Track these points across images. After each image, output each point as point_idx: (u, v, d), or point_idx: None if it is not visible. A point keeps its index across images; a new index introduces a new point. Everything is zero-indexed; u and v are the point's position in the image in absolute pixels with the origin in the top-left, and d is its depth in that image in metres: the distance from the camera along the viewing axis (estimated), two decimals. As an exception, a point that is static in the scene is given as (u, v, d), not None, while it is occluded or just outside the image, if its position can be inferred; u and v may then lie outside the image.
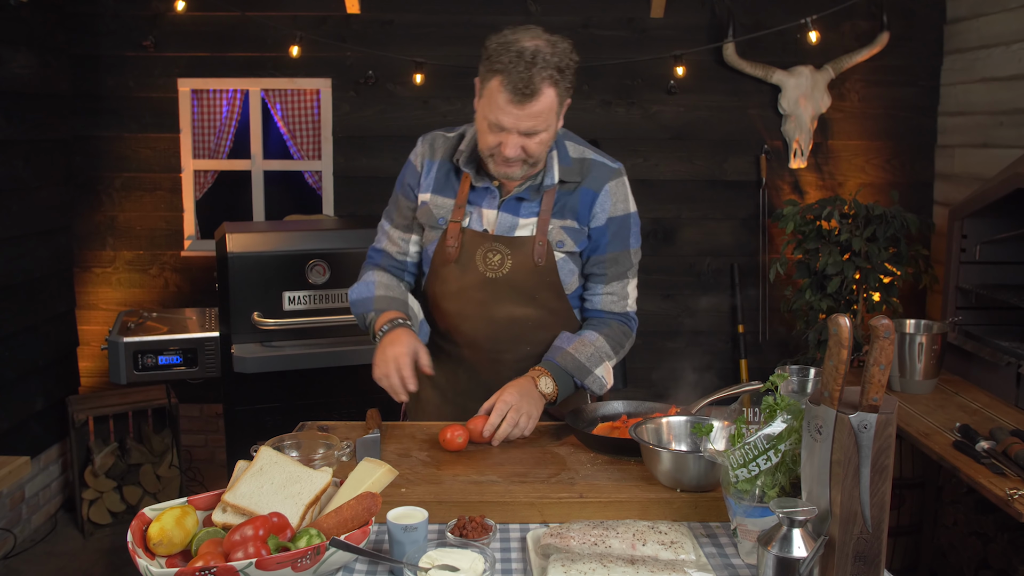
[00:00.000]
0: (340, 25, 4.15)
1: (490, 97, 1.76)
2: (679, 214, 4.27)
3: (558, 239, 1.92)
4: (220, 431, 4.31)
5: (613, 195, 1.94)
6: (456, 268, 1.94)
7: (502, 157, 1.80)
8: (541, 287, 1.95)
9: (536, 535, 1.49)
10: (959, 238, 3.13)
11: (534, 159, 1.82)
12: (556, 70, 1.74)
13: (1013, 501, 2.04)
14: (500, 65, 1.72)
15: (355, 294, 2.05)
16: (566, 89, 1.79)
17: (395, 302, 1.99)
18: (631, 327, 2.04)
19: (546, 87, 1.73)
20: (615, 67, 4.15)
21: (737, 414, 1.60)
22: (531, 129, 1.76)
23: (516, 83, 1.70)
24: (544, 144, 1.82)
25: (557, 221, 1.92)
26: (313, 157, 4.30)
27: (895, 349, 2.87)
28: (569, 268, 1.96)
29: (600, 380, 1.94)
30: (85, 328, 4.25)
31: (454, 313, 1.99)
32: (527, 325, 1.97)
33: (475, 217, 1.94)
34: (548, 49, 1.74)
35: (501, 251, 1.92)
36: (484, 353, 2.00)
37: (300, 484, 1.45)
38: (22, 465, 2.65)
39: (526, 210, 1.92)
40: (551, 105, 1.76)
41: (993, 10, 3.66)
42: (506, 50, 1.72)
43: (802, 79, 4.03)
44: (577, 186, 1.93)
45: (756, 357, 4.32)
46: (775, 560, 1.22)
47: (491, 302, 1.94)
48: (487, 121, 1.79)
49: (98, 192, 4.25)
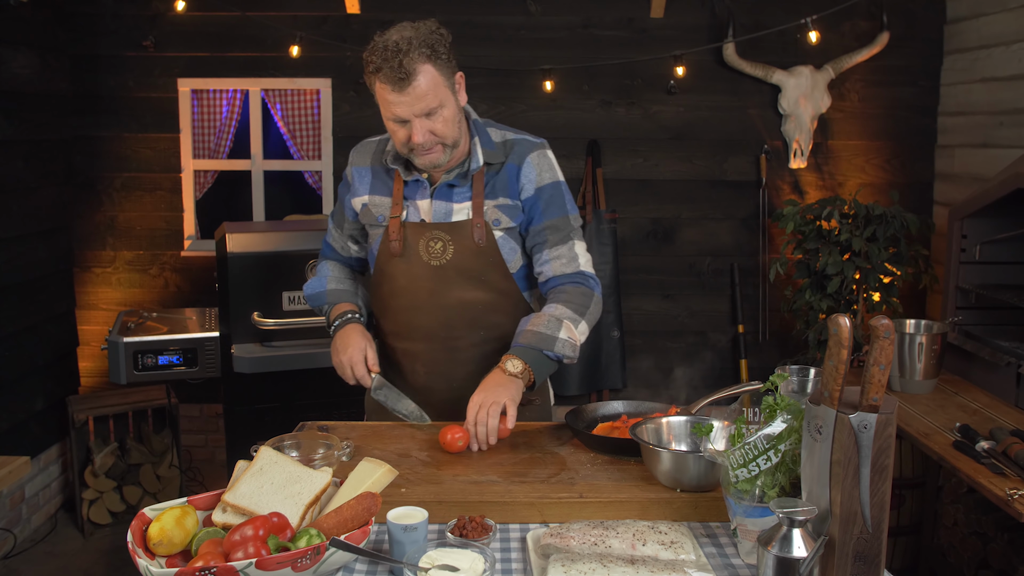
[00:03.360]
0: (340, 25, 4.16)
1: (380, 98, 1.84)
2: (679, 214, 4.27)
3: (494, 218, 1.98)
4: (220, 431, 4.31)
5: (537, 165, 1.99)
6: (402, 262, 2.00)
7: (417, 146, 1.86)
8: (487, 268, 1.99)
9: (536, 535, 1.49)
10: (959, 238, 3.13)
11: (449, 139, 1.88)
12: (426, 47, 1.80)
13: (1013, 501, 2.04)
14: (374, 65, 1.81)
15: (309, 289, 2.17)
16: (446, 62, 1.85)
17: (345, 294, 2.13)
18: (590, 286, 2.02)
19: (420, 65, 1.79)
20: (615, 67, 4.15)
21: (737, 414, 1.60)
22: (426, 109, 1.82)
23: (391, 74, 1.78)
24: (449, 121, 1.87)
25: (490, 201, 1.98)
26: (313, 157, 4.30)
27: (895, 349, 2.87)
28: (510, 246, 2.00)
29: (567, 342, 1.91)
30: (85, 328, 4.25)
31: (406, 307, 2.02)
32: (478, 308, 2.00)
33: (412, 210, 2.00)
34: (411, 33, 1.81)
35: (441, 238, 1.97)
36: (440, 342, 2.02)
37: (300, 484, 1.45)
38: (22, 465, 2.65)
39: (458, 195, 1.98)
40: (434, 81, 1.82)
41: (993, 10, 3.66)
42: (376, 50, 1.81)
43: (802, 79, 4.03)
44: (500, 166, 1.99)
45: (756, 357, 4.32)
46: (775, 560, 1.22)
47: (440, 289, 1.98)
48: (388, 120, 1.87)
49: (98, 192, 4.25)
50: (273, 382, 3.33)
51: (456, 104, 1.89)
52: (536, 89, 4.15)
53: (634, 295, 4.33)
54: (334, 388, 3.41)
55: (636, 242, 4.29)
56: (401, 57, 1.77)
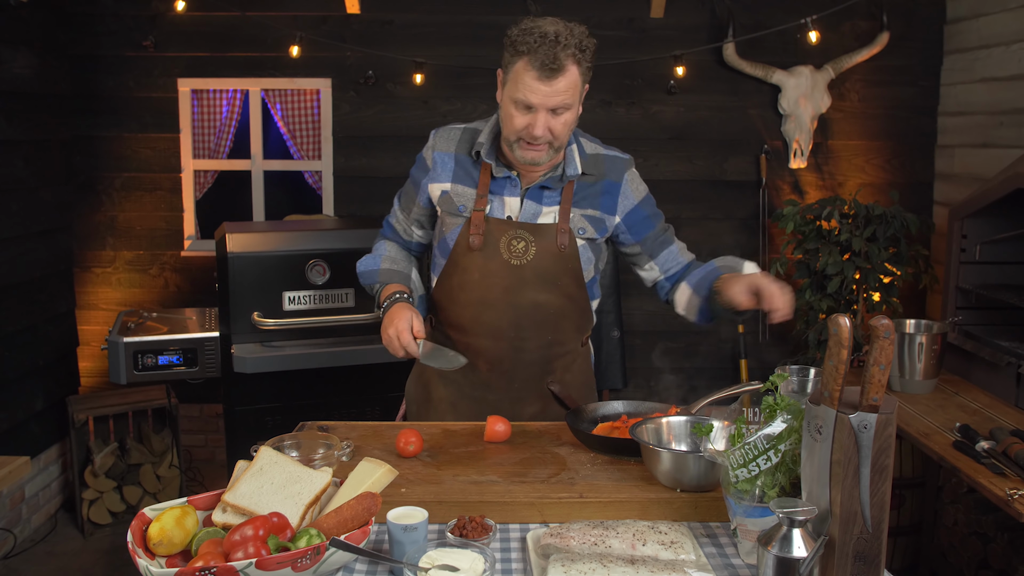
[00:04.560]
0: (340, 25, 4.15)
1: (516, 79, 1.83)
2: (679, 214, 4.27)
3: (580, 226, 2.00)
4: (220, 431, 4.31)
5: (631, 182, 2.06)
6: (479, 256, 1.99)
7: (530, 137, 1.86)
8: (563, 273, 2.00)
9: (536, 535, 1.49)
10: (959, 238, 3.13)
11: (559, 142, 1.89)
12: (578, 48, 1.82)
13: (1013, 501, 2.04)
14: (525, 47, 1.80)
15: (363, 265, 2.16)
16: (587, 69, 1.87)
17: (398, 275, 2.11)
18: None
19: (570, 64, 1.81)
20: (615, 67, 4.15)
21: (737, 414, 1.60)
22: (559, 105, 1.83)
23: (543, 60, 1.78)
24: (568, 126, 1.89)
25: (578, 210, 2.00)
26: (313, 157, 4.30)
27: (895, 349, 2.87)
28: (588, 256, 2.03)
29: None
30: (85, 328, 4.25)
31: (476, 302, 2.01)
32: (549, 312, 2.01)
33: (496, 205, 2.00)
34: (567, 31, 1.82)
35: (525, 238, 1.98)
36: (507, 342, 2.03)
37: (300, 484, 1.45)
38: (22, 465, 2.65)
39: (548, 199, 2.00)
40: (575, 82, 1.84)
41: (993, 10, 3.66)
42: (529, 34, 1.81)
43: (802, 79, 4.03)
44: (596, 179, 2.02)
45: (756, 357, 4.32)
46: (775, 560, 1.22)
47: (515, 288, 1.98)
48: (514, 104, 1.85)
49: (98, 192, 4.25)
50: (273, 382, 3.33)
51: (577, 111, 1.91)
52: (536, 89, 4.14)
53: (634, 295, 4.33)
54: (334, 388, 3.44)
55: (636, 242, 4.29)
56: (558, 49, 1.78)
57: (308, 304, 3.35)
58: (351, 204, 4.28)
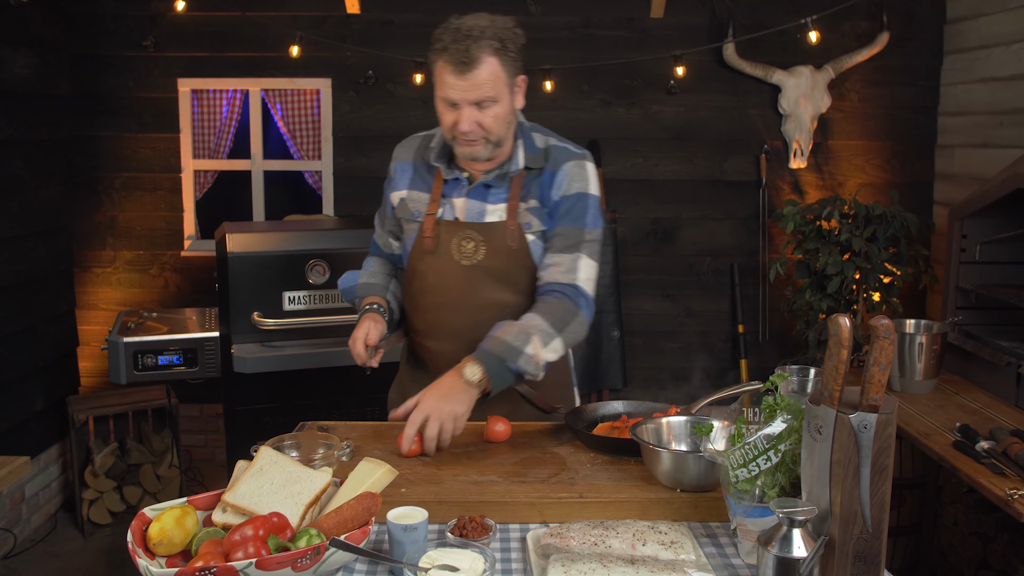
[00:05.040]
0: (340, 25, 4.15)
1: (438, 78, 1.85)
2: (679, 214, 4.27)
3: (526, 221, 1.97)
4: (220, 431, 4.31)
5: (570, 174, 1.98)
6: (433, 259, 1.99)
7: (461, 134, 1.86)
8: (517, 270, 1.98)
9: (536, 535, 1.48)
10: (959, 238, 3.13)
11: (494, 136, 1.88)
12: (496, 40, 1.81)
13: (1013, 501, 2.04)
14: (440, 44, 1.82)
15: (343, 283, 2.19)
16: (512, 61, 1.85)
17: (375, 288, 2.13)
18: (578, 304, 1.93)
19: (486, 56, 1.80)
20: (615, 67, 4.15)
21: (737, 414, 1.60)
22: (481, 98, 1.82)
23: (456, 56, 1.79)
24: (500, 119, 1.87)
25: (524, 205, 1.98)
26: (313, 157, 4.30)
27: (895, 349, 2.87)
28: (541, 250, 2.00)
29: (532, 358, 1.82)
30: (85, 328, 4.25)
31: (435, 306, 2.02)
32: (507, 311, 1.98)
33: (447, 208, 2.00)
34: (487, 23, 1.82)
35: (474, 238, 1.97)
36: (467, 343, 1.99)
37: (300, 484, 1.45)
38: (22, 465, 2.65)
39: (494, 196, 1.98)
40: (495, 74, 1.82)
41: (993, 10, 3.66)
42: (446, 31, 1.82)
43: (802, 79, 4.03)
44: (540, 171, 1.99)
45: (756, 357, 4.32)
46: (775, 560, 1.22)
47: (469, 290, 1.98)
48: (442, 102, 1.87)
49: (98, 192, 4.25)
50: (273, 382, 3.33)
51: (511, 104, 1.89)
52: (536, 89, 4.14)
53: (634, 295, 4.33)
54: (334, 388, 3.44)
55: (636, 242, 4.29)
56: (469, 43, 1.78)
57: (308, 304, 3.35)
58: (351, 204, 4.28)
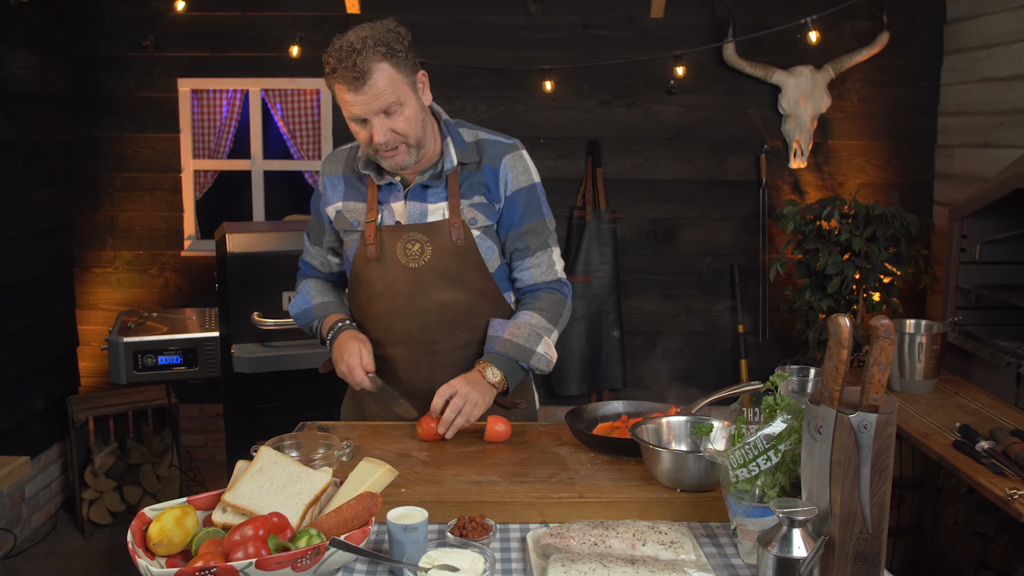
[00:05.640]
0: (340, 25, 4.14)
1: (340, 100, 1.84)
2: (679, 214, 4.27)
3: (471, 217, 1.97)
4: (220, 431, 4.31)
5: (513, 168, 1.99)
6: (378, 267, 1.97)
7: (379, 146, 1.85)
8: (465, 268, 1.97)
9: (536, 535, 1.49)
10: (959, 238, 3.13)
11: (412, 138, 1.87)
12: (382, 45, 1.80)
13: (1013, 501, 2.04)
14: (330, 67, 1.81)
15: (295, 308, 2.15)
16: (404, 61, 1.84)
17: (332, 305, 2.12)
18: (564, 293, 2.07)
19: (376, 64, 1.78)
20: (615, 67, 4.15)
21: (737, 414, 1.60)
22: (384, 107, 1.81)
23: (347, 74, 1.78)
24: (411, 120, 1.85)
25: (466, 201, 1.97)
26: (313, 157, 4.30)
27: (895, 349, 2.87)
28: (488, 245, 1.99)
29: (544, 357, 1.97)
30: (85, 328, 4.25)
31: (384, 313, 2.00)
32: (458, 310, 1.98)
33: (386, 214, 1.98)
34: (368, 32, 1.81)
35: (419, 239, 1.96)
36: (420, 347, 2.00)
37: (300, 484, 1.45)
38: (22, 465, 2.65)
39: (433, 196, 1.97)
40: (391, 78, 1.81)
41: (993, 10, 3.66)
42: (333, 51, 1.81)
43: (802, 79, 4.03)
44: (477, 166, 1.99)
45: (756, 357, 4.32)
46: (775, 560, 1.22)
47: (418, 292, 1.97)
48: (351, 123, 1.86)
49: (98, 192, 4.25)
50: (273, 382, 3.33)
51: (418, 103, 1.87)
52: (536, 89, 4.15)
53: (634, 295, 4.33)
54: (334, 388, 3.43)
55: (636, 242, 4.29)
56: (355, 57, 1.76)
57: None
58: (351, 204, 4.28)
